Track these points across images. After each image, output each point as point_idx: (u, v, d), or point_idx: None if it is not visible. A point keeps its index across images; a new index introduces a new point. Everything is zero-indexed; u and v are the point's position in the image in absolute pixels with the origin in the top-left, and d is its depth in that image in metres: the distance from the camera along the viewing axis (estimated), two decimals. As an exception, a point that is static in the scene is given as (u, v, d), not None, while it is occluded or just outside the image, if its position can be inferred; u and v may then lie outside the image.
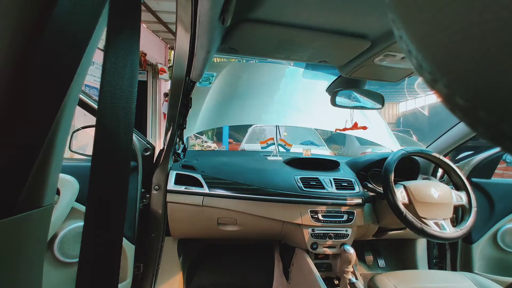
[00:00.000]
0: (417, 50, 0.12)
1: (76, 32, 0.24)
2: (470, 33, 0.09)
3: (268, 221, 1.22)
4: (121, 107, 0.26)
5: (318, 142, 4.63)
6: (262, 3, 0.63)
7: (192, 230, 1.26)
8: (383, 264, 1.63)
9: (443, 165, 1.26)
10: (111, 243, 0.27)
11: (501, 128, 0.10)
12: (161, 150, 1.21)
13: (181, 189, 1.19)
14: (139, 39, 0.28)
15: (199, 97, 1.74)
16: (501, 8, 0.08)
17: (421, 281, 1.05)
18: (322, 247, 1.23)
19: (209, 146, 5.62)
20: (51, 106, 0.24)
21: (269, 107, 1.98)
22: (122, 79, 0.26)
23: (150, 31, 5.16)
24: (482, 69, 0.09)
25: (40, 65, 0.21)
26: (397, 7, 0.12)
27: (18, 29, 0.20)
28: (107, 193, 0.26)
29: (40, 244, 0.26)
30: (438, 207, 1.11)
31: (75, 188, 0.97)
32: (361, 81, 1.12)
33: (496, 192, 1.39)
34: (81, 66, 0.26)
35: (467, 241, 1.40)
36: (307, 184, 1.27)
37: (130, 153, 0.29)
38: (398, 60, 0.85)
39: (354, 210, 1.24)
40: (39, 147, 0.24)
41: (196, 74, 0.87)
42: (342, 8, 0.64)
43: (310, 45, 0.82)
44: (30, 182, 0.24)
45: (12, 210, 0.22)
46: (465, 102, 0.10)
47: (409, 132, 7.88)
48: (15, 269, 0.23)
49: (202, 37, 0.62)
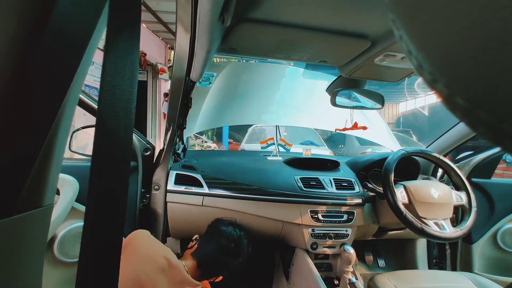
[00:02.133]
0: (417, 50, 0.12)
1: (76, 32, 0.24)
2: (470, 33, 0.09)
3: (268, 221, 1.22)
4: (121, 107, 0.26)
5: (318, 142, 4.64)
6: (262, 3, 0.63)
7: (192, 230, 1.26)
8: (383, 264, 1.63)
9: (443, 165, 1.26)
10: (111, 243, 0.27)
11: (501, 128, 0.10)
12: (161, 150, 1.21)
13: (181, 189, 1.19)
14: (139, 39, 0.28)
15: (199, 97, 1.74)
16: (501, 8, 0.08)
17: (421, 281, 1.05)
18: (322, 247, 1.23)
19: (209, 146, 5.61)
20: (51, 106, 0.24)
21: (269, 107, 1.98)
22: (122, 79, 0.26)
23: (150, 31, 5.16)
24: (482, 69, 0.09)
25: (40, 65, 0.21)
26: (397, 7, 0.12)
27: (18, 29, 0.20)
28: (107, 193, 0.26)
29: (40, 244, 0.26)
30: (438, 207, 1.11)
31: (75, 188, 0.97)
32: (361, 81, 1.12)
33: (496, 192, 1.39)
34: (81, 66, 0.26)
35: (467, 241, 1.40)
36: (307, 184, 1.27)
37: (130, 153, 0.29)
38: (398, 60, 0.85)
39: (354, 210, 1.24)
40: (39, 147, 0.24)
41: (196, 74, 0.87)
42: (342, 8, 0.64)
43: (310, 45, 0.82)
44: (30, 182, 0.24)
45: (12, 210, 0.22)
46: (465, 102, 0.10)
47: (409, 132, 7.88)
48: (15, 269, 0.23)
49: (202, 37, 0.62)
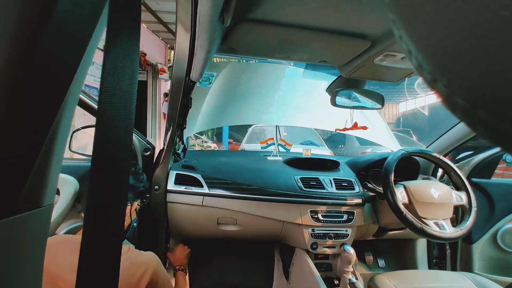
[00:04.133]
0: (417, 50, 0.12)
1: (76, 32, 0.24)
2: (470, 33, 0.09)
3: (268, 221, 1.22)
4: (121, 107, 0.26)
5: (318, 142, 4.64)
6: (262, 3, 0.63)
7: (192, 230, 1.26)
8: (383, 264, 1.63)
9: (443, 165, 1.26)
10: (111, 242, 0.27)
11: (501, 128, 0.10)
12: (161, 150, 1.21)
13: (181, 189, 1.19)
14: (139, 39, 0.28)
15: (199, 97, 1.74)
16: (501, 8, 0.08)
17: (421, 281, 1.05)
18: (322, 247, 1.23)
19: (209, 146, 5.62)
20: (51, 106, 0.24)
21: (269, 107, 1.98)
22: (122, 79, 0.26)
23: (150, 31, 5.15)
24: (482, 69, 0.09)
25: (40, 65, 0.21)
26: (397, 7, 0.12)
27: (18, 29, 0.20)
28: (107, 193, 0.26)
29: (40, 244, 0.26)
30: (438, 207, 1.11)
31: (75, 188, 0.97)
32: (361, 81, 1.12)
33: (496, 192, 1.39)
34: (81, 66, 0.26)
35: (467, 241, 1.40)
36: (307, 184, 1.27)
37: (130, 153, 0.29)
38: (398, 60, 0.85)
39: (354, 210, 1.24)
40: (39, 147, 0.24)
41: (196, 74, 0.87)
42: (342, 8, 0.64)
43: (310, 45, 0.82)
44: (30, 182, 0.24)
45: (12, 210, 0.22)
46: (465, 102, 0.10)
47: (409, 132, 7.88)
48: (15, 269, 0.23)
49: (202, 37, 0.62)
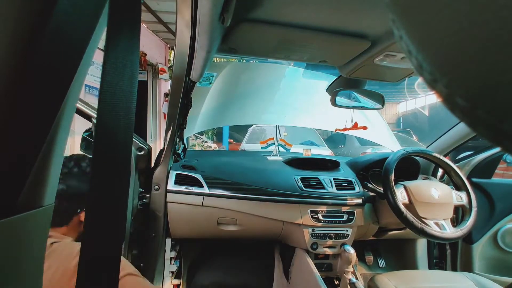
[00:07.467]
0: (417, 50, 0.12)
1: (76, 32, 0.24)
2: (470, 33, 0.09)
3: (268, 221, 1.22)
4: (121, 107, 0.26)
5: (318, 142, 4.64)
6: (262, 3, 0.63)
7: (192, 230, 1.26)
8: (383, 264, 1.63)
9: (443, 165, 1.26)
10: (111, 242, 0.27)
11: (501, 128, 0.10)
12: (161, 150, 1.21)
13: (181, 189, 1.19)
14: (139, 39, 0.28)
15: (199, 97, 1.74)
16: (501, 8, 0.08)
17: (421, 281, 1.05)
18: (322, 247, 1.23)
19: (209, 146, 5.61)
20: (51, 106, 0.24)
21: (269, 107, 1.98)
22: (122, 79, 0.26)
23: (150, 31, 5.15)
24: (482, 69, 0.09)
25: (40, 65, 0.21)
26: (397, 7, 0.12)
27: (18, 29, 0.20)
28: (107, 193, 0.26)
29: (40, 244, 0.26)
30: (438, 207, 1.11)
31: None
32: (361, 81, 1.12)
33: (497, 192, 1.39)
34: (81, 66, 0.26)
35: (467, 241, 1.40)
36: (307, 184, 1.27)
37: (130, 153, 0.29)
38: (398, 60, 0.85)
39: (354, 210, 1.24)
40: (40, 147, 0.24)
41: (196, 74, 0.87)
42: (342, 8, 0.64)
43: (310, 45, 0.82)
44: (30, 182, 0.24)
45: (12, 210, 0.22)
46: (465, 102, 0.10)
47: (409, 132, 7.89)
48: (15, 269, 0.23)
49: (202, 37, 0.62)
